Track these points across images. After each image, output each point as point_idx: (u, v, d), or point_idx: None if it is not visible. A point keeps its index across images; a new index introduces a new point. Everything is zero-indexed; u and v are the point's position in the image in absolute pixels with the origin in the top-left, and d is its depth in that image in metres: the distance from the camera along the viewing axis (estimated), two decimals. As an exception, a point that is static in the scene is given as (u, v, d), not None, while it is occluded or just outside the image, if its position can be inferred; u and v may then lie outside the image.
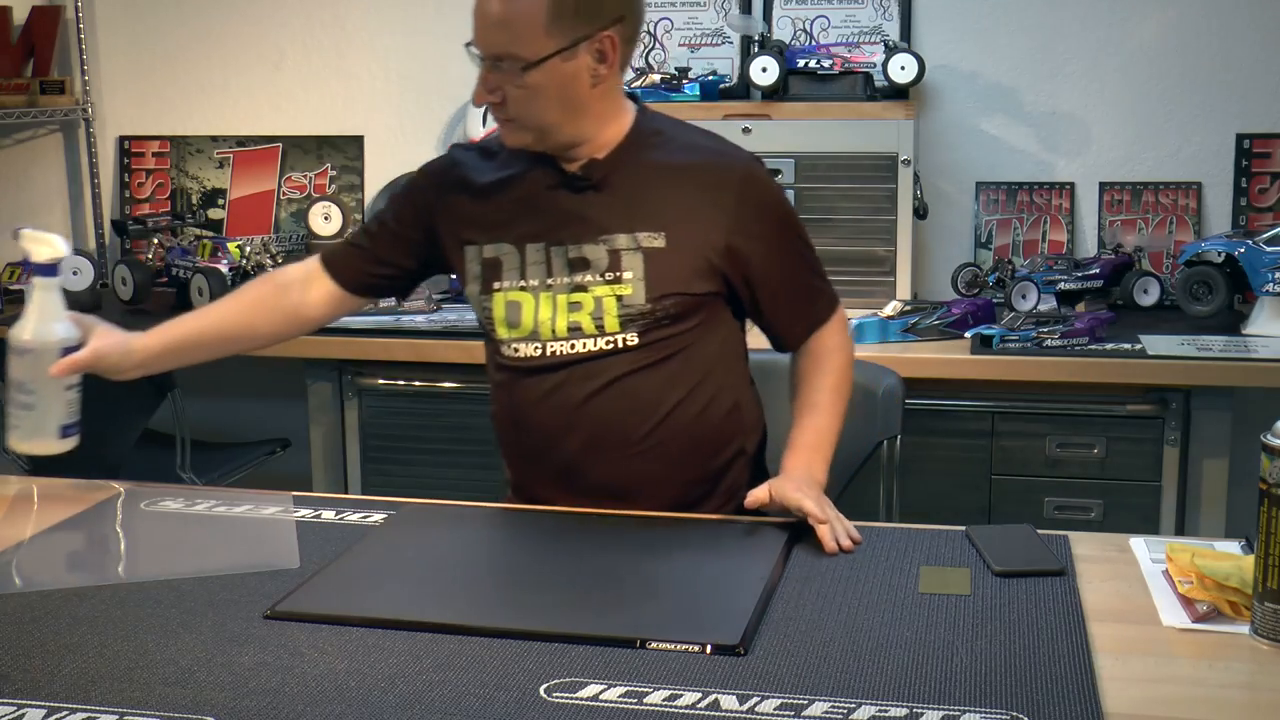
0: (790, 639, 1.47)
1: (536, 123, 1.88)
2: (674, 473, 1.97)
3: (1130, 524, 2.82)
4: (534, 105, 1.86)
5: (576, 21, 1.82)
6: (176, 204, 3.94)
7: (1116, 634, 1.48)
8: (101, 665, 1.42)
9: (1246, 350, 2.84)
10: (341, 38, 3.80)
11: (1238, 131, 3.36)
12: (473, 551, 1.83)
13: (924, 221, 3.27)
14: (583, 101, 1.88)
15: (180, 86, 3.93)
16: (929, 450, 2.87)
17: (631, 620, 1.51)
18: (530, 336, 1.94)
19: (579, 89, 1.87)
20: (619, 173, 1.93)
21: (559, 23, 1.81)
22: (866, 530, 1.82)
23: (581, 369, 1.92)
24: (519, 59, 1.83)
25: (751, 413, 2.07)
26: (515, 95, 1.86)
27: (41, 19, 3.90)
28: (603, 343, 1.92)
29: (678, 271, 1.90)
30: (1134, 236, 3.42)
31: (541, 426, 1.96)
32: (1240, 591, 1.50)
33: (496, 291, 1.96)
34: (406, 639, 1.47)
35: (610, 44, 1.86)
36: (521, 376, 1.96)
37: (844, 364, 2.04)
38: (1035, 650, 1.43)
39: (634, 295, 1.90)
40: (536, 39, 1.82)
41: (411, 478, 3.09)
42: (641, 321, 1.91)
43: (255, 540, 1.85)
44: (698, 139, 1.99)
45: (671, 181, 1.92)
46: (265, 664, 1.42)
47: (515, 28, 1.82)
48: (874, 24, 3.49)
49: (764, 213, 1.94)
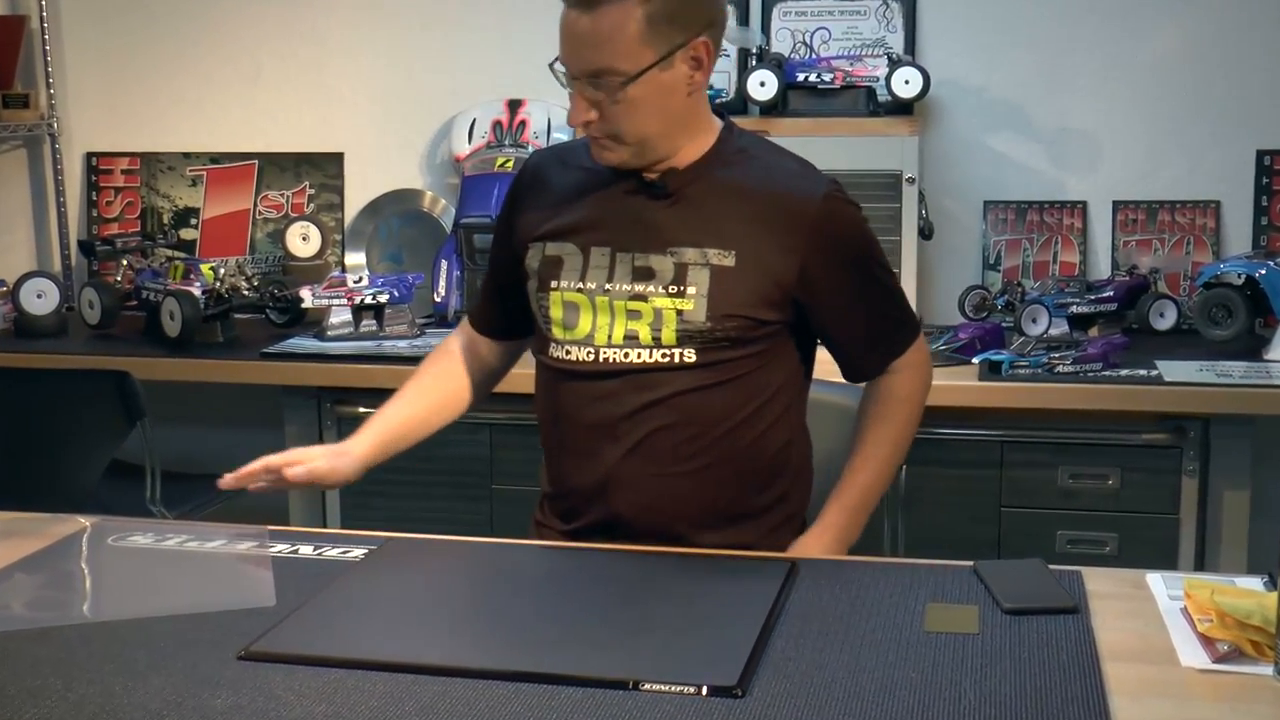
0: (790, 680, 1.47)
1: (637, 137, 1.92)
2: (713, 499, 1.99)
3: (1147, 559, 2.81)
4: (635, 119, 1.90)
5: (672, 30, 1.86)
6: (147, 224, 3.94)
7: (1132, 675, 1.48)
8: (66, 710, 1.42)
9: (1268, 377, 2.85)
10: (321, 51, 3.81)
11: (1258, 148, 3.37)
12: (457, 588, 1.83)
13: (929, 242, 3.28)
14: (680, 112, 1.93)
15: (151, 101, 3.94)
16: (936, 481, 2.87)
17: (623, 660, 1.50)
18: (585, 340, 1.98)
19: (677, 99, 1.91)
20: (696, 186, 1.97)
21: (655, 32, 1.85)
22: (871, 565, 1.82)
23: (634, 379, 1.96)
24: (618, 73, 1.86)
25: (800, 455, 2.10)
26: (614, 111, 1.89)
27: (4, 29, 3.89)
28: (659, 355, 1.94)
29: (743, 294, 1.93)
30: (1149, 257, 3.43)
31: (587, 431, 2.00)
32: (1263, 630, 1.50)
33: (554, 290, 2.00)
34: (387, 680, 1.47)
35: (705, 50, 1.91)
36: (571, 379, 2.00)
37: (911, 415, 2.08)
38: (1047, 692, 1.43)
39: (694, 311, 1.93)
40: (634, 51, 1.85)
41: (394, 511, 3.08)
42: (700, 339, 1.94)
43: (229, 578, 1.85)
44: (783, 161, 2.03)
45: (749, 201, 1.96)
46: (239, 707, 1.42)
47: (612, 42, 1.85)
48: (877, 36, 3.51)
49: (842, 245, 1.98)
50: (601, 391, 1.97)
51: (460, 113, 3.63)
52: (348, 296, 3.35)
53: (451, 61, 3.66)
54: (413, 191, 3.76)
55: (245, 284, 3.48)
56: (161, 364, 3.20)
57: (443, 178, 3.75)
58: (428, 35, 3.70)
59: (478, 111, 3.60)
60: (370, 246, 3.77)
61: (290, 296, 3.46)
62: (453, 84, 3.66)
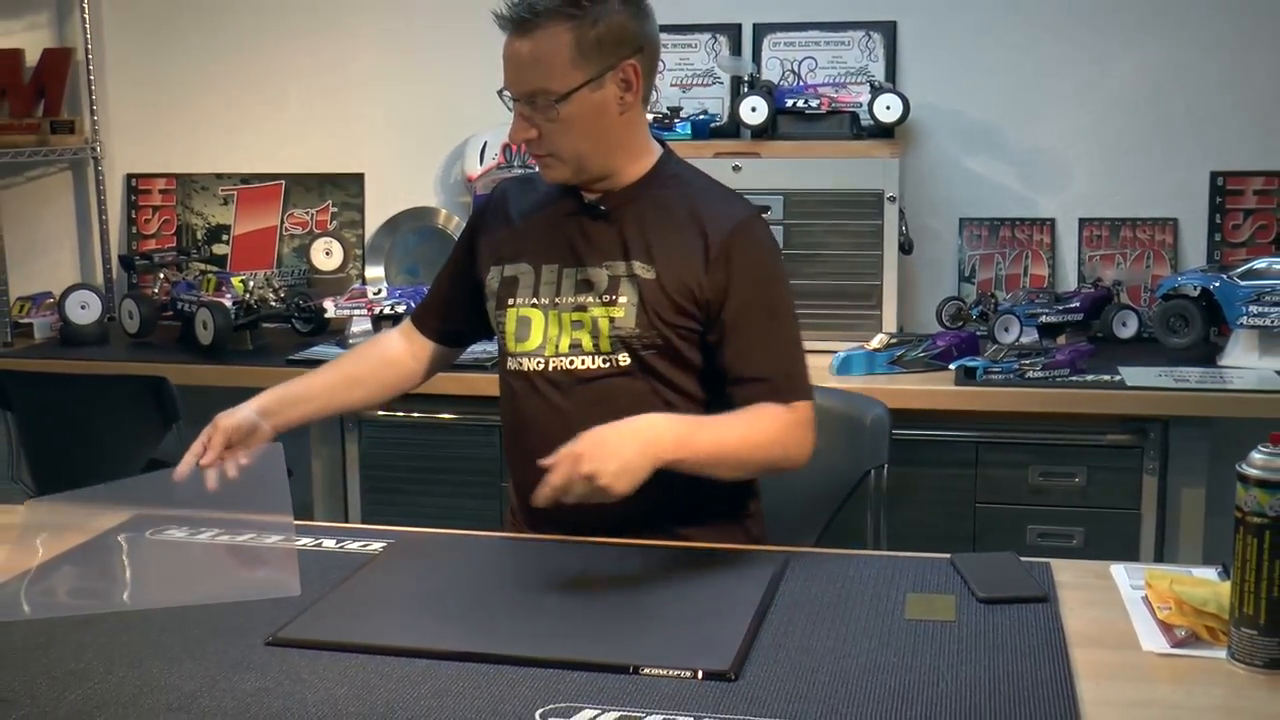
0: (780, 665, 1.47)
1: (572, 153, 1.93)
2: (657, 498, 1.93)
3: (1111, 551, 2.80)
4: (569, 137, 1.91)
5: (601, 53, 1.88)
6: (182, 240, 3.95)
7: (1097, 659, 1.48)
8: (106, 691, 1.42)
9: (1222, 381, 2.85)
10: (343, 79, 3.82)
11: (1211, 169, 3.37)
12: (470, 579, 1.83)
13: (909, 256, 3.28)
14: (613, 131, 1.93)
15: (186, 126, 3.95)
16: (915, 479, 2.86)
17: (625, 646, 1.50)
18: (536, 352, 1.98)
19: (609, 118, 1.92)
20: (630, 206, 1.97)
21: (584, 56, 1.87)
22: (854, 558, 1.82)
23: (582, 387, 1.96)
24: (551, 93, 1.88)
25: None
26: (550, 130, 1.91)
27: (52, 60, 3.91)
28: (600, 361, 1.95)
29: (664, 304, 1.93)
30: (1113, 271, 3.43)
31: (541, 436, 1.96)
32: (1217, 617, 1.50)
33: (510, 307, 2.01)
34: (405, 665, 1.47)
35: (634, 72, 1.91)
36: (527, 387, 2.00)
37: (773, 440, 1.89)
38: (1018, 675, 1.43)
39: (625, 319, 1.93)
40: (565, 73, 1.87)
41: (411, 507, 3.08)
42: (630, 345, 1.94)
43: (258, 569, 1.86)
44: (712, 187, 2.02)
45: (674, 220, 1.96)
46: (267, 690, 1.42)
47: (545, 64, 1.87)
48: (860, 65, 3.51)
49: (744, 268, 1.93)
50: (554, 399, 1.97)
51: (472, 136, 3.63)
52: (368, 307, 3.35)
53: (464, 89, 3.65)
54: (428, 209, 3.76)
55: (273, 295, 3.48)
56: (196, 370, 3.19)
57: (456, 197, 3.75)
58: (441, 65, 3.70)
59: (489, 135, 3.60)
60: (388, 260, 3.77)
61: (314, 307, 3.46)
62: (465, 110, 3.65)
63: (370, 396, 2.20)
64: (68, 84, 3.92)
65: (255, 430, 2.00)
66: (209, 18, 3.89)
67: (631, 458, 1.72)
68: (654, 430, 1.79)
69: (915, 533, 2.70)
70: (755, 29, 3.57)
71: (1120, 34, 3.39)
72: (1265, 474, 1.41)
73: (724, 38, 3.59)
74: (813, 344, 3.12)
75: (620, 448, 1.73)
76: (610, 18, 1.88)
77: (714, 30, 3.59)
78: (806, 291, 3.20)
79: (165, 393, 2.97)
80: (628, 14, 1.90)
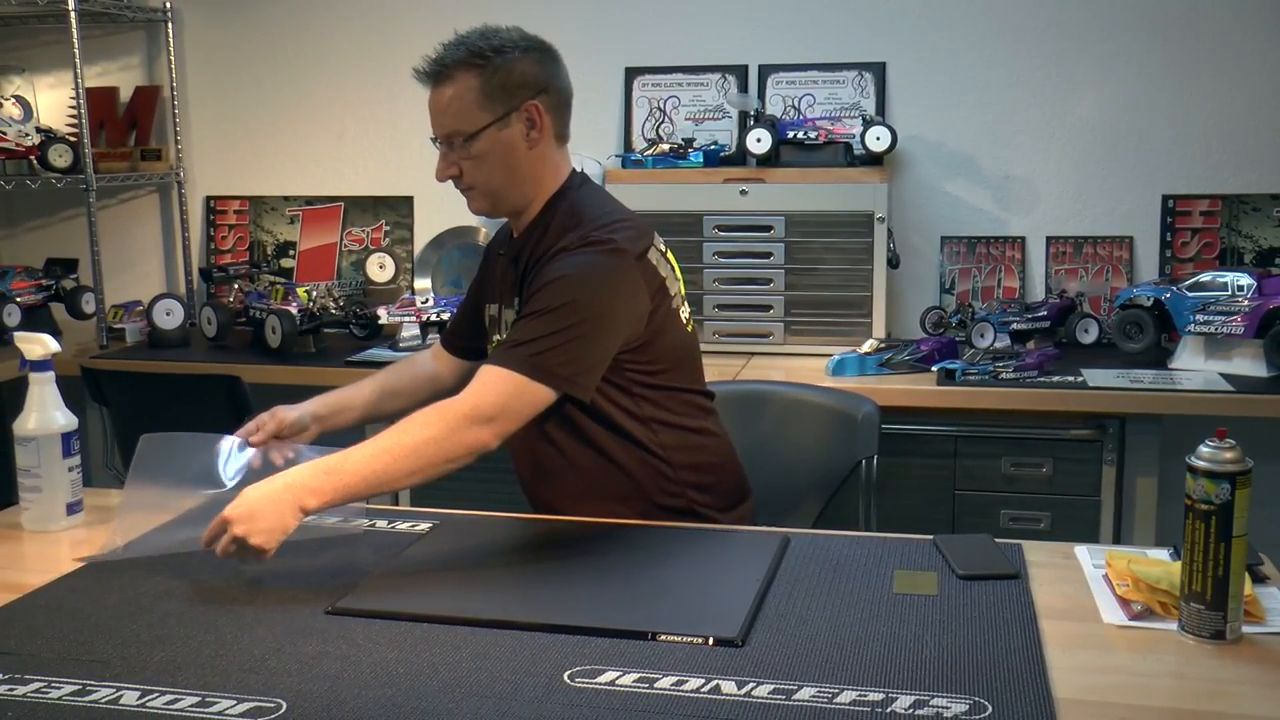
0: (782, 633, 1.46)
1: (488, 187, 1.94)
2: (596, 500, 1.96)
3: (1074, 534, 2.80)
4: (482, 172, 1.92)
5: (505, 95, 1.88)
6: (254, 254, 3.96)
7: (1063, 630, 1.47)
8: (187, 654, 1.42)
9: (1173, 382, 2.83)
10: (394, 111, 3.82)
11: (1163, 193, 3.35)
12: (506, 556, 1.82)
13: (896, 270, 3.27)
14: (524, 165, 1.93)
15: (258, 154, 3.96)
16: (901, 469, 2.85)
17: (644, 616, 1.50)
18: None
19: (518, 154, 1.92)
20: (526, 243, 1.96)
21: (490, 99, 1.88)
22: (848, 539, 1.81)
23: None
24: (462, 133, 1.89)
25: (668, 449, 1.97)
26: (467, 166, 1.92)
27: (143, 96, 3.95)
28: None
29: None
30: (1076, 283, 3.41)
31: (514, 454, 2.05)
32: (1169, 593, 1.49)
33: (491, 344, 2.08)
34: (448, 631, 1.47)
35: (537, 111, 1.91)
36: None
37: (430, 435, 1.72)
38: (994, 644, 1.42)
39: None
40: (474, 115, 1.88)
41: (454, 492, 3.05)
42: None
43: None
44: (586, 213, 1.91)
45: (545, 255, 1.89)
46: (327, 653, 1.42)
47: (456, 109, 1.89)
48: (853, 101, 3.50)
49: (542, 276, 1.85)
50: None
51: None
52: (416, 314, 3.35)
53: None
54: (470, 228, 3.75)
55: (333, 304, 3.48)
56: (265, 370, 3.20)
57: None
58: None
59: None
60: (435, 273, 3.77)
61: (370, 314, 3.46)
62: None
63: (406, 407, 2.13)
64: (155, 117, 3.95)
65: (305, 429, 2.02)
66: (278, 59, 3.90)
67: (273, 518, 1.62)
68: (291, 488, 1.64)
69: (901, 516, 2.70)
70: (760, 69, 3.56)
71: (1082, 74, 3.38)
72: (1211, 465, 1.40)
73: (732, 77, 3.58)
74: (810, 348, 3.17)
75: (263, 508, 1.62)
76: (512, 65, 1.87)
77: (724, 70, 3.58)
78: (805, 301, 3.21)
79: (238, 390, 2.98)
80: (530, 60, 1.89)
